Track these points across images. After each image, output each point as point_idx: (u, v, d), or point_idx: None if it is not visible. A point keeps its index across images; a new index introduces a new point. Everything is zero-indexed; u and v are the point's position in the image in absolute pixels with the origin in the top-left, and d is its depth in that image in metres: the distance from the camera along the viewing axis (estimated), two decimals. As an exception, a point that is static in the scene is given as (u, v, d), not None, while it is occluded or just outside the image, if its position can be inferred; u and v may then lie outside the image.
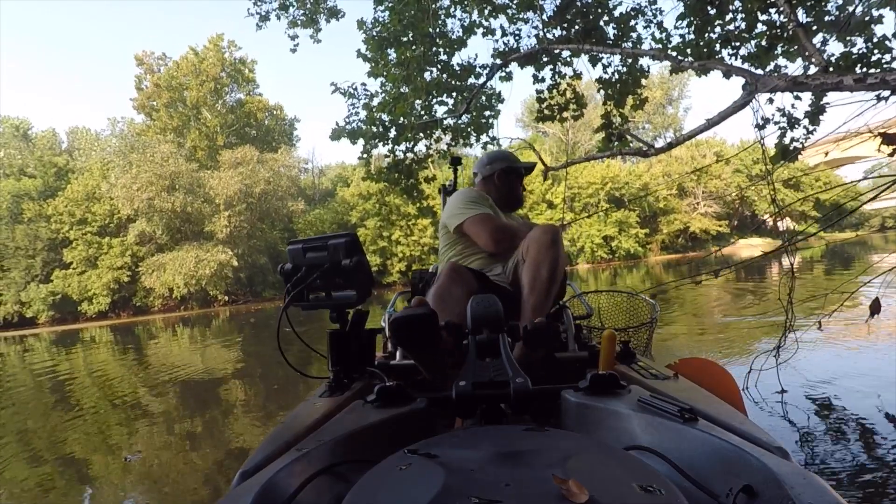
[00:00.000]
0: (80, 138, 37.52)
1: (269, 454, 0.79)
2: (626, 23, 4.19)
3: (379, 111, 4.96)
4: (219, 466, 2.60)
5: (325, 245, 1.17)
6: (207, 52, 31.57)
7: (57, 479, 2.66)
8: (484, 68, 5.04)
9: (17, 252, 27.93)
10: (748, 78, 1.94)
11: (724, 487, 0.61)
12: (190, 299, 27.44)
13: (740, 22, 3.74)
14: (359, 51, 5.16)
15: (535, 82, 4.78)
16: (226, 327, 13.46)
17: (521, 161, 2.14)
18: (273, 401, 3.98)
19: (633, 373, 1.21)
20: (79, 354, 10.12)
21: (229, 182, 27.16)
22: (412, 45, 4.75)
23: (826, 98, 2.87)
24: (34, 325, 27.40)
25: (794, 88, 1.84)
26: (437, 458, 0.62)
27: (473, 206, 1.86)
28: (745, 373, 2.71)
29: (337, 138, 5.22)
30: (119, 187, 25.98)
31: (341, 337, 1.23)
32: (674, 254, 32.48)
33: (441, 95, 4.93)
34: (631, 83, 4.43)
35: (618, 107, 4.48)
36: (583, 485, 0.51)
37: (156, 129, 31.20)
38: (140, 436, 3.33)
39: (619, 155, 3.87)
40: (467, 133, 5.41)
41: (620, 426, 0.80)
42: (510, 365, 0.93)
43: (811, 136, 3.00)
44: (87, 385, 5.78)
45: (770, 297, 7.14)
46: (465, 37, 4.98)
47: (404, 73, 4.68)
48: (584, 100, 5.00)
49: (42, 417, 4.25)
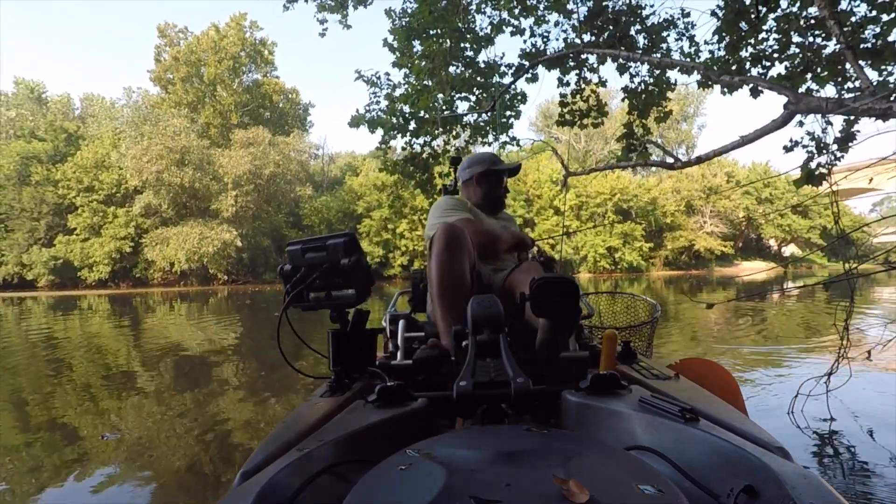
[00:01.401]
0: (94, 105, 37.55)
1: (269, 454, 0.79)
2: (658, 33, 4.15)
3: (401, 102, 4.94)
4: (204, 446, 2.55)
5: (323, 245, 1.18)
6: (229, 29, 31.55)
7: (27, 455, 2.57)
8: (509, 67, 5.01)
9: (22, 214, 28.01)
10: (791, 97, 1.91)
11: (724, 487, 0.61)
12: (190, 275, 27.49)
13: (773, 42, 3.70)
14: (385, 40, 5.13)
15: (560, 86, 4.74)
16: (224, 306, 13.46)
17: (503, 163, 2.12)
18: (266, 385, 3.93)
19: (634, 373, 1.20)
20: (75, 322, 10.14)
21: (239, 161, 27.17)
22: (440, 38, 4.72)
23: (857, 126, 2.84)
24: (34, 288, 27.49)
25: (837, 111, 1.81)
26: (438, 458, 0.62)
27: (450, 214, 1.85)
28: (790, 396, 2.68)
29: (356, 125, 5.20)
30: (129, 157, 26.01)
31: (342, 337, 1.24)
32: (676, 270, 32.42)
33: (465, 91, 4.90)
34: (657, 95, 4.40)
35: (641, 118, 4.45)
36: (583, 485, 0.51)
37: (170, 102, 31.19)
38: (124, 412, 3.28)
39: (644, 166, 3.83)
40: (486, 132, 5.39)
41: (621, 426, 0.79)
42: (511, 365, 0.93)
43: (838, 162, 2.97)
44: (79, 356, 5.76)
45: (790, 322, 7.11)
46: (494, 35, 4.95)
47: (430, 66, 4.65)
48: (605, 108, 4.98)
49: (28, 388, 4.15)
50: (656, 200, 32.16)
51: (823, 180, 2.96)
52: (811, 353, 4.50)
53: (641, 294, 2.62)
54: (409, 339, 1.71)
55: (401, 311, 1.99)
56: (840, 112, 1.89)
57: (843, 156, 2.98)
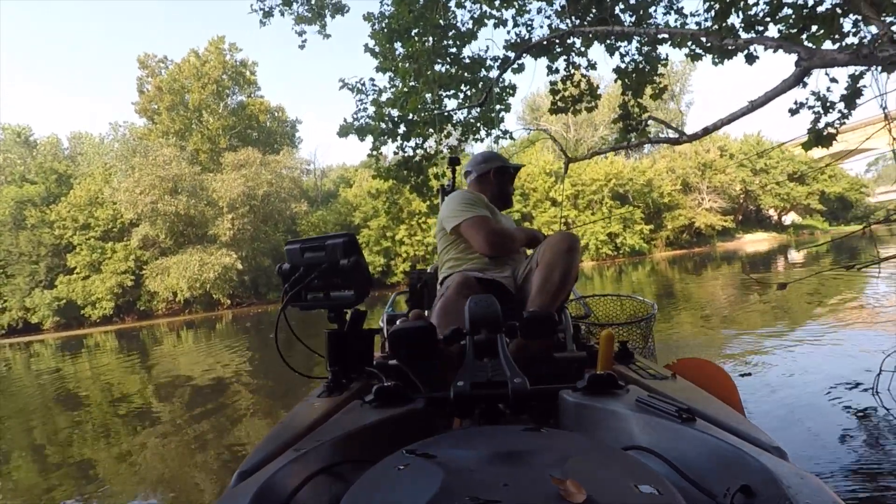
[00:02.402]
0: (82, 143, 37.54)
1: (267, 454, 0.79)
2: (645, 9, 4.06)
3: (388, 106, 4.84)
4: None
5: (322, 245, 1.18)
6: (209, 54, 31.50)
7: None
8: (495, 60, 4.91)
9: (21, 258, 27.89)
10: (802, 52, 1.80)
11: (721, 487, 0.61)
12: (194, 303, 27.37)
13: (763, 6, 3.61)
14: (366, 45, 5.04)
15: (550, 73, 4.65)
16: (229, 330, 13.36)
17: (510, 162, 2.18)
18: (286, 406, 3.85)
19: (632, 373, 1.21)
20: (84, 364, 10.05)
21: (232, 184, 27.06)
22: (422, 37, 4.63)
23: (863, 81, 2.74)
24: (39, 331, 27.35)
25: (857, 62, 1.70)
26: (436, 458, 0.62)
27: (470, 208, 1.86)
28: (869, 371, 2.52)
29: (345, 135, 5.10)
30: (122, 191, 25.89)
31: (340, 337, 1.24)
32: (679, 249, 32.26)
33: (453, 89, 4.80)
34: (649, 71, 4.30)
35: (636, 97, 4.35)
36: (581, 485, 0.51)
37: (158, 132, 31.13)
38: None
39: (648, 143, 3.73)
40: (477, 128, 5.29)
41: (618, 426, 0.79)
42: (508, 365, 0.93)
43: (846, 120, 2.87)
44: (88, 394, 5.67)
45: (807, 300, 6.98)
46: (476, 29, 4.86)
47: (414, 67, 4.55)
48: (598, 91, 4.88)
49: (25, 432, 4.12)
50: (652, 182, 32.01)
51: (833, 140, 2.86)
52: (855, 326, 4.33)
53: (644, 297, 2.61)
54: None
55: (398, 312, 2.02)
56: (860, 63, 1.79)
57: (850, 113, 2.88)
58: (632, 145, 3.62)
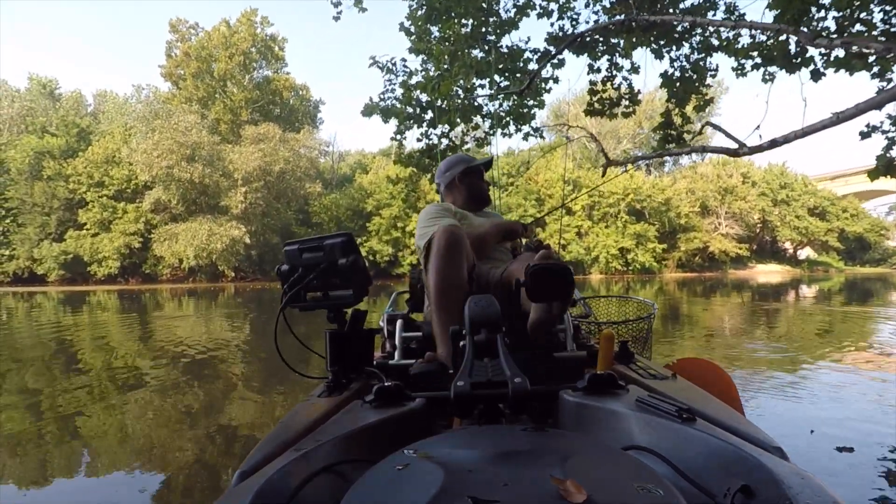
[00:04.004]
0: (106, 101, 37.71)
1: (267, 454, 0.79)
2: (703, 14, 3.81)
3: (419, 89, 4.63)
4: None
5: (321, 245, 1.19)
6: (240, 25, 31.47)
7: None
8: (534, 53, 4.69)
9: (33, 209, 28.11)
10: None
11: (721, 487, 0.60)
12: (199, 272, 27.41)
13: (830, 21, 3.36)
14: (401, 24, 4.84)
15: (591, 72, 4.42)
16: (232, 303, 13.26)
17: (476, 160, 2.17)
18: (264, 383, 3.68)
19: (632, 373, 1.20)
20: (84, 319, 9.99)
21: (249, 158, 27.03)
22: (461, 19, 4.41)
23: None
24: (44, 283, 27.57)
25: None
26: (436, 458, 0.62)
27: (435, 222, 1.81)
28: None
29: (369, 114, 4.92)
30: (139, 153, 25.93)
31: (339, 337, 1.23)
32: (689, 272, 31.79)
33: (488, 76, 4.59)
34: (696, 80, 4.06)
35: (680, 106, 4.11)
36: (581, 485, 0.51)
37: (181, 98, 31.17)
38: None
39: (701, 152, 3.51)
40: (507, 122, 5.08)
41: (618, 426, 0.79)
42: (508, 365, 0.92)
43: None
44: (84, 351, 5.55)
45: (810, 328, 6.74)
46: (517, 18, 4.64)
47: (451, 49, 4.34)
48: (638, 97, 4.64)
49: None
50: (670, 201, 31.54)
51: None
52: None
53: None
54: (406, 339, 1.72)
55: (399, 311, 2.01)
56: None
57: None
58: (681, 153, 3.39)
